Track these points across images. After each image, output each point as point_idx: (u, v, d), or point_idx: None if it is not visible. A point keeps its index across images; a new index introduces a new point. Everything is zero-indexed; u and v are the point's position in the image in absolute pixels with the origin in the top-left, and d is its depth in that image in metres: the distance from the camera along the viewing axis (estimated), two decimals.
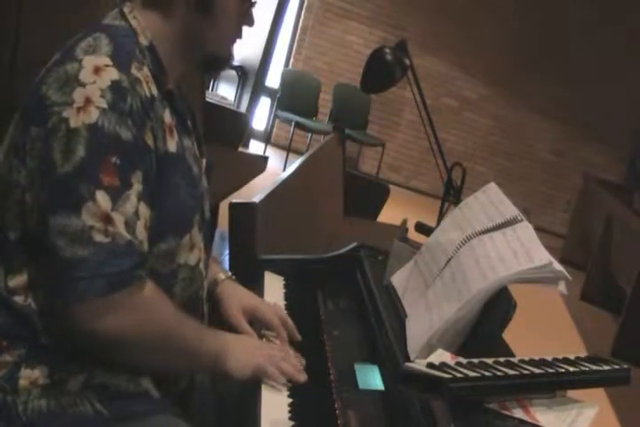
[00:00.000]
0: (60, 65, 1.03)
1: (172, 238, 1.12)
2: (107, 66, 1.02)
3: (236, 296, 1.34)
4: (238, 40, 1.21)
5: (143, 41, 1.11)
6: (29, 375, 1.03)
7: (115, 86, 1.01)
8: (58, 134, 0.99)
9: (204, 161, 1.29)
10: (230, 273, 1.39)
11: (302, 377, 1.16)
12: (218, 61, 1.22)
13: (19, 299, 1.05)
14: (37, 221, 1.01)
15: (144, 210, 1.04)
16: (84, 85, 1.00)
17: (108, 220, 0.99)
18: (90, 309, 0.99)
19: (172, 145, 1.11)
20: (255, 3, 1.21)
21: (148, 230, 1.06)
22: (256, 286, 1.52)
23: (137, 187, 1.02)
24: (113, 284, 1.00)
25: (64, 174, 0.98)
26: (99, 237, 0.98)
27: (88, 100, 0.99)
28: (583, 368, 1.13)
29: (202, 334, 1.14)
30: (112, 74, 1.02)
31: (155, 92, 1.09)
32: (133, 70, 1.05)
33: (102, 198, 0.98)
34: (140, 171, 1.03)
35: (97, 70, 1.01)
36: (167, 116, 1.12)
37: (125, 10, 1.13)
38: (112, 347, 1.04)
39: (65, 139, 0.98)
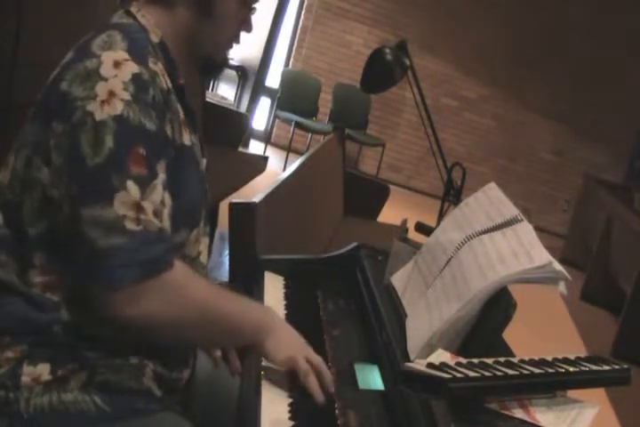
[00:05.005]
0: (77, 62, 1.04)
1: (184, 231, 1.14)
2: (126, 60, 1.03)
3: None
4: (235, 45, 1.23)
5: (154, 38, 1.13)
6: (32, 372, 1.04)
7: (136, 79, 1.03)
8: (84, 127, 0.99)
9: (205, 160, 1.29)
10: None
11: (321, 397, 1.11)
12: (212, 64, 1.24)
13: (36, 291, 1.05)
14: (68, 214, 1.01)
15: (168, 199, 1.06)
16: (105, 79, 1.01)
17: (139, 208, 1.00)
18: (125, 296, 1.00)
19: (186, 138, 1.14)
20: (255, 9, 1.23)
21: (171, 220, 1.07)
22: (256, 286, 1.53)
23: (162, 176, 1.04)
24: (147, 270, 1.01)
25: (94, 166, 0.99)
26: (131, 226, 0.99)
27: (111, 93, 1.00)
28: (583, 368, 1.13)
29: (244, 306, 1.15)
30: (132, 67, 1.03)
31: (170, 85, 1.12)
32: (151, 64, 1.07)
33: (132, 188, 1.00)
34: (163, 160, 1.05)
35: (117, 64, 1.03)
36: (180, 111, 1.15)
37: (133, 9, 1.15)
38: (150, 330, 1.05)
39: (92, 131, 0.99)
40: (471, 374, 1.00)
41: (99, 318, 1.03)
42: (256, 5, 1.23)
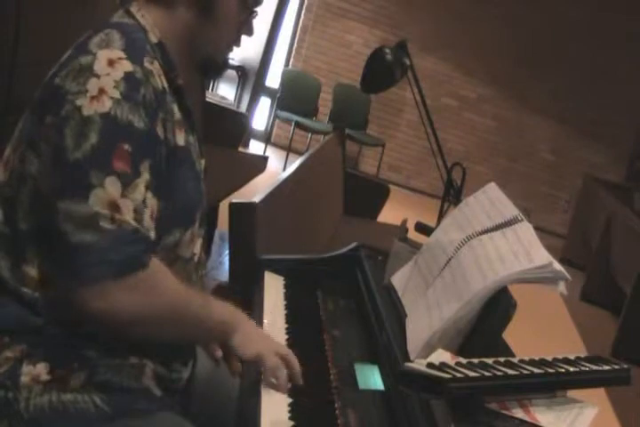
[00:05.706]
0: (73, 59, 1.05)
1: (178, 232, 1.14)
2: (120, 59, 1.04)
3: None
4: (235, 47, 1.24)
5: (152, 38, 1.13)
6: (31, 372, 1.04)
7: (128, 77, 1.03)
8: (71, 122, 1.00)
9: (203, 161, 1.29)
10: None
11: (284, 391, 1.13)
12: (212, 65, 1.24)
13: (27, 290, 1.05)
14: (46, 206, 1.01)
15: (151, 200, 1.05)
16: (98, 76, 1.01)
17: (115, 207, 1.00)
18: (95, 291, 1.00)
19: (180, 139, 1.13)
20: (256, 13, 1.23)
21: (156, 221, 1.06)
22: (256, 286, 1.53)
23: (145, 176, 1.03)
24: (119, 270, 1.01)
25: (75, 160, 0.99)
26: (105, 224, 0.99)
27: (102, 91, 1.00)
28: (583, 368, 1.13)
29: (211, 304, 1.15)
30: (126, 66, 1.03)
31: (166, 85, 1.12)
32: (146, 63, 1.07)
33: (112, 185, 1.00)
34: (149, 161, 1.04)
35: (111, 63, 1.03)
36: (176, 111, 1.14)
37: (132, 9, 1.15)
38: (118, 325, 1.05)
39: (78, 126, 0.99)
40: (471, 374, 1.00)
41: (75, 314, 1.02)
42: (257, 9, 1.23)
